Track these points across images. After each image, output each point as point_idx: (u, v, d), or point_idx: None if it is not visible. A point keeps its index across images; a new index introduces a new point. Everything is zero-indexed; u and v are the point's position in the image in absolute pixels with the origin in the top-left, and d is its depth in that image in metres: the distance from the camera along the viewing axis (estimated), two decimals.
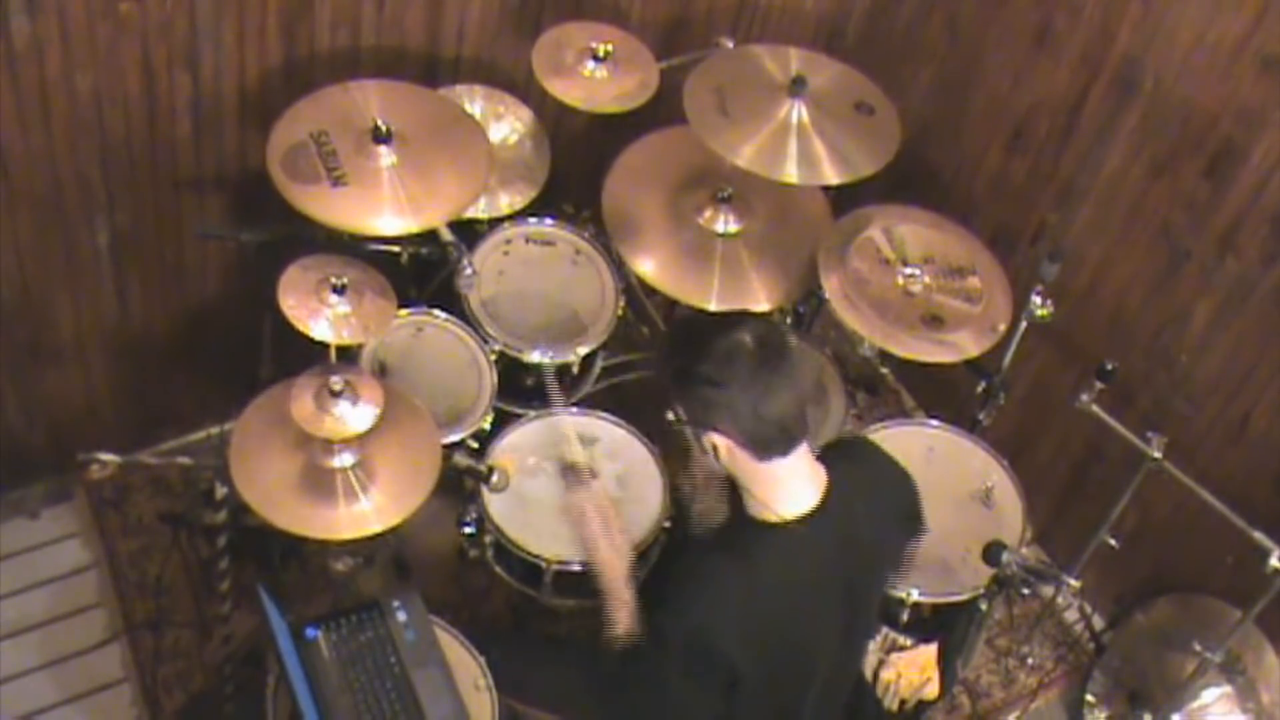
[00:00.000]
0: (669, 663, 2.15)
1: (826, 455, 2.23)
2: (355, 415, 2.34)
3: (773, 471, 2.13)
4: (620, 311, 2.99)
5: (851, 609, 2.28)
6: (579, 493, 2.44)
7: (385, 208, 2.55)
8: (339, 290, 2.50)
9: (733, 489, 2.22)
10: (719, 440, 2.12)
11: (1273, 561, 2.62)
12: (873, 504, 2.29)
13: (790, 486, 2.16)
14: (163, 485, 3.28)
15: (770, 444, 2.11)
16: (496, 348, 2.85)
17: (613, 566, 2.31)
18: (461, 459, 2.62)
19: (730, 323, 2.15)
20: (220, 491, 2.41)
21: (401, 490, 2.40)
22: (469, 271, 2.69)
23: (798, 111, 2.88)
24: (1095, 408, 2.82)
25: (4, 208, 2.71)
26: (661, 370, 2.22)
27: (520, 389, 2.89)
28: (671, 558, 2.68)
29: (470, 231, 2.98)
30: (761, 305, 2.97)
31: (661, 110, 2.99)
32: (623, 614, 2.27)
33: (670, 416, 2.19)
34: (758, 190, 3.07)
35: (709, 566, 2.18)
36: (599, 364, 3.00)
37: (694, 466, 2.30)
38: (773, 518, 2.14)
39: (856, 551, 2.24)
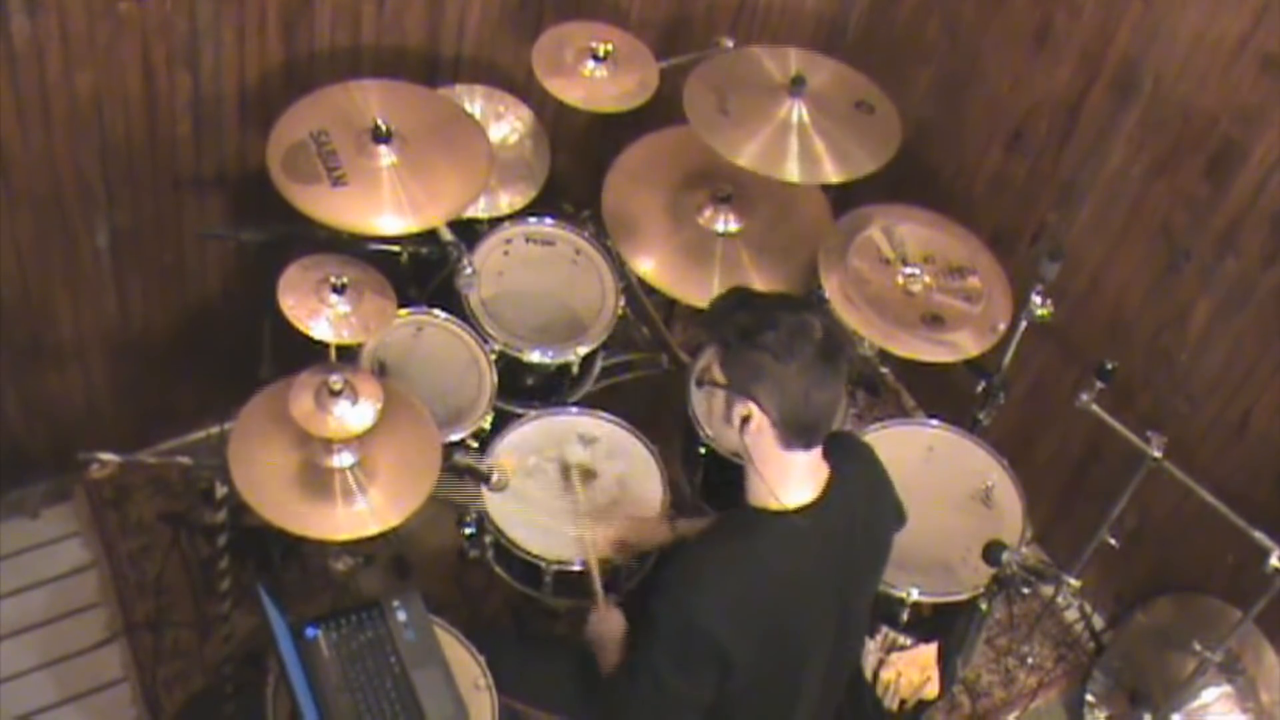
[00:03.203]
0: (662, 650, 2.16)
1: (828, 449, 2.23)
2: (355, 415, 2.34)
3: (790, 461, 2.14)
4: (620, 311, 2.99)
5: (846, 603, 2.28)
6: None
7: (385, 207, 2.55)
8: (339, 290, 2.50)
9: (738, 477, 2.23)
10: (755, 412, 2.10)
11: (1273, 561, 2.62)
12: (870, 501, 2.30)
13: (796, 479, 2.17)
14: (163, 485, 3.28)
15: (801, 433, 2.12)
16: (496, 347, 2.85)
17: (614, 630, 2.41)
18: (461, 459, 2.62)
19: (800, 303, 2.16)
20: (220, 491, 2.41)
21: (401, 490, 2.40)
22: (469, 271, 2.69)
23: (798, 111, 2.89)
24: (1095, 407, 2.82)
25: (4, 208, 2.71)
26: (715, 327, 2.18)
27: (520, 389, 2.89)
28: (670, 557, 2.68)
29: (470, 231, 2.98)
30: None
31: (661, 110, 2.99)
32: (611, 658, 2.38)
33: (701, 375, 2.17)
34: (758, 190, 3.07)
35: (706, 554, 2.19)
36: (599, 364, 3.00)
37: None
38: (775, 505, 2.15)
39: (852, 546, 2.24)
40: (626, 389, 3.10)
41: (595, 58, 2.94)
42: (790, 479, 2.16)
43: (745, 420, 2.11)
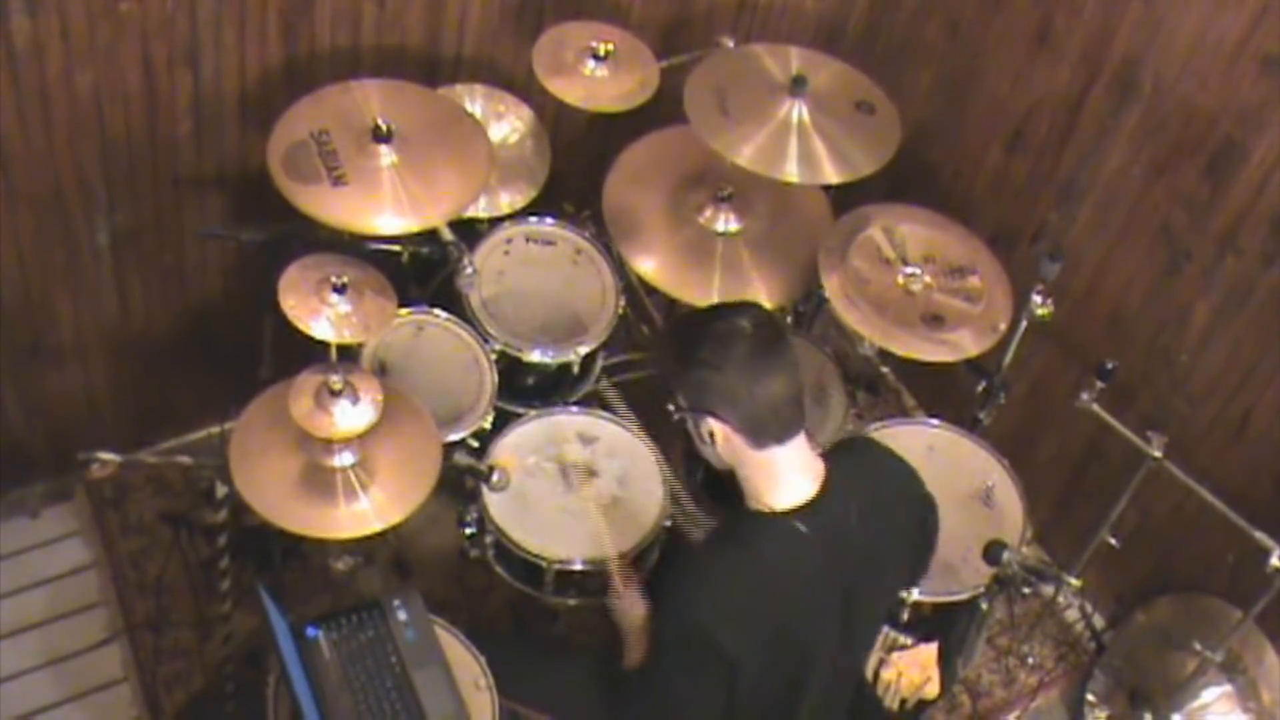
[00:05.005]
0: (667, 656, 2.16)
1: (829, 453, 2.24)
2: (355, 414, 2.34)
3: (770, 460, 2.14)
4: (621, 311, 2.99)
5: (849, 608, 2.27)
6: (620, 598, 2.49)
7: (385, 207, 2.55)
8: (339, 290, 2.50)
9: (734, 483, 2.23)
10: (716, 426, 2.13)
11: (1273, 561, 2.62)
12: (872, 504, 2.27)
13: (786, 478, 2.16)
14: (163, 485, 3.28)
15: (765, 429, 2.12)
16: (497, 347, 2.85)
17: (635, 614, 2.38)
18: (462, 458, 2.62)
19: (729, 309, 2.18)
20: (220, 491, 2.41)
21: (401, 490, 2.40)
22: (469, 271, 2.69)
23: (798, 111, 2.89)
24: (1095, 407, 2.82)
25: (4, 208, 2.71)
26: (661, 357, 2.23)
27: (521, 388, 2.89)
28: (671, 557, 2.68)
29: (471, 231, 2.98)
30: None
31: (661, 110, 2.99)
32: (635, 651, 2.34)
33: (670, 407, 2.20)
34: (758, 190, 3.07)
35: (706, 559, 2.19)
36: (599, 364, 3.00)
37: None
38: (770, 507, 2.15)
39: (852, 549, 2.23)
40: (626, 389, 3.10)
41: (596, 57, 2.94)
42: (777, 478, 2.16)
43: (712, 435, 2.15)
